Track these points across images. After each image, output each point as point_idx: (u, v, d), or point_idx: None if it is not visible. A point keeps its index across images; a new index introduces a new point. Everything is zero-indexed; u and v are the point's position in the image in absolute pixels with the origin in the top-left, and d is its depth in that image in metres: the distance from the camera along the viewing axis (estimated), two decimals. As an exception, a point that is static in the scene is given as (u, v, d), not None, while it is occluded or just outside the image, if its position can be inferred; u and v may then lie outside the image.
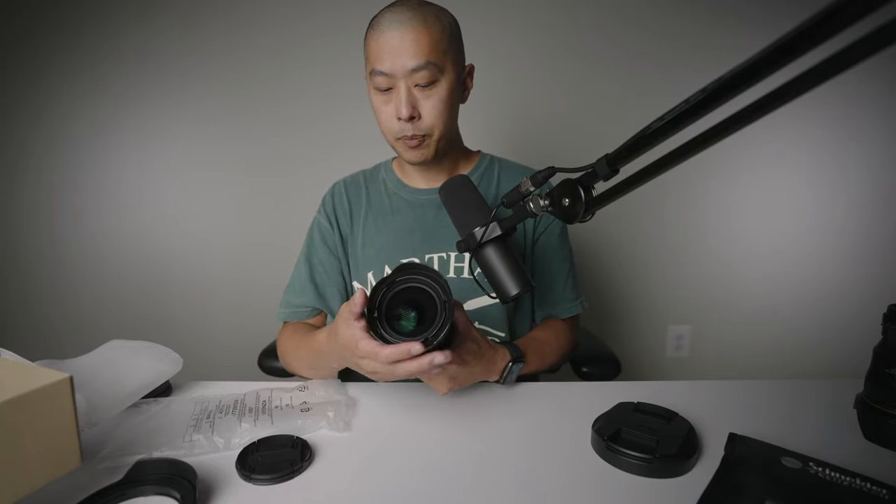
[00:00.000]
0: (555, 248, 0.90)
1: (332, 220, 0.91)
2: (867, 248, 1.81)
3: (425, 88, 0.75)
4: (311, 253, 0.92)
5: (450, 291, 0.55)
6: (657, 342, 1.90)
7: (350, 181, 0.95)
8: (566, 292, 0.90)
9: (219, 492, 0.50)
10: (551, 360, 0.83)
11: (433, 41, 0.73)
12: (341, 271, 0.91)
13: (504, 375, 0.72)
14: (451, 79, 0.76)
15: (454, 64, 0.77)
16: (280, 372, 0.96)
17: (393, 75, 0.74)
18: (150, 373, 0.68)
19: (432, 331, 0.54)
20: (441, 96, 0.76)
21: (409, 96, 0.74)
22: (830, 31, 0.26)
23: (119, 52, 1.67)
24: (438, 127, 0.78)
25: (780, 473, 0.50)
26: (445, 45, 0.75)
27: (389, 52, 0.72)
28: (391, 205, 0.90)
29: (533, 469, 0.54)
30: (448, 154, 0.86)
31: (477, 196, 0.66)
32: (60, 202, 1.77)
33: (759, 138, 1.74)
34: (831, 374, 1.87)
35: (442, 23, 0.75)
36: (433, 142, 0.79)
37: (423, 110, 0.76)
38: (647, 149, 0.43)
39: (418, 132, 0.77)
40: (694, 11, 1.65)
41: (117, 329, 1.83)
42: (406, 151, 0.80)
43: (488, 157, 0.94)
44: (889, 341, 0.59)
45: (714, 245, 1.83)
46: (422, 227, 0.87)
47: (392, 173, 0.93)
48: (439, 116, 0.77)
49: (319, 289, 0.90)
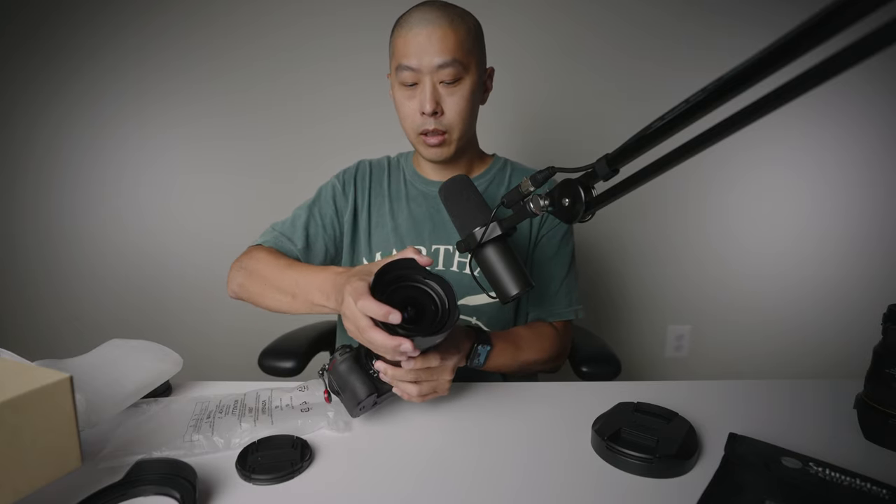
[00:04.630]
0: (554, 251, 0.90)
1: (347, 187, 0.93)
2: (867, 248, 1.81)
3: (450, 85, 0.77)
4: (315, 205, 0.92)
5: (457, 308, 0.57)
6: (657, 342, 1.90)
7: (376, 163, 0.97)
8: (559, 296, 0.90)
9: (219, 492, 0.50)
10: (528, 356, 0.80)
11: (459, 40, 0.75)
12: (335, 237, 0.91)
13: (470, 356, 0.70)
14: (473, 78, 0.79)
15: (477, 65, 0.80)
16: (280, 372, 0.96)
17: (419, 70, 0.76)
18: (150, 373, 0.68)
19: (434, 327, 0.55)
20: (464, 94, 0.78)
21: (433, 91, 0.77)
22: (830, 31, 0.26)
23: (119, 52, 1.67)
24: (459, 125, 0.80)
25: (780, 473, 0.50)
26: (470, 45, 0.77)
27: (417, 48, 0.75)
28: (407, 193, 0.92)
29: (533, 469, 0.54)
30: (465, 154, 0.89)
31: (477, 196, 0.66)
32: (60, 202, 1.77)
33: (760, 138, 1.74)
34: (831, 374, 1.88)
35: (467, 23, 0.78)
36: (453, 140, 0.81)
37: (446, 106, 0.78)
38: (647, 149, 0.43)
39: (440, 127, 0.79)
40: (695, 13, 1.65)
41: (117, 329, 1.82)
42: (426, 149, 0.82)
43: (502, 161, 0.95)
44: (889, 341, 0.59)
45: (714, 245, 1.83)
46: (433, 218, 0.89)
47: (411, 165, 0.95)
48: (461, 113, 0.79)
49: (310, 239, 0.89)
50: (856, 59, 0.26)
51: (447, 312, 0.57)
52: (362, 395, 0.61)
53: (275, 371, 0.97)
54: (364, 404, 0.62)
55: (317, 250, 0.90)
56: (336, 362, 0.64)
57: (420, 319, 0.58)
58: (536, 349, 0.83)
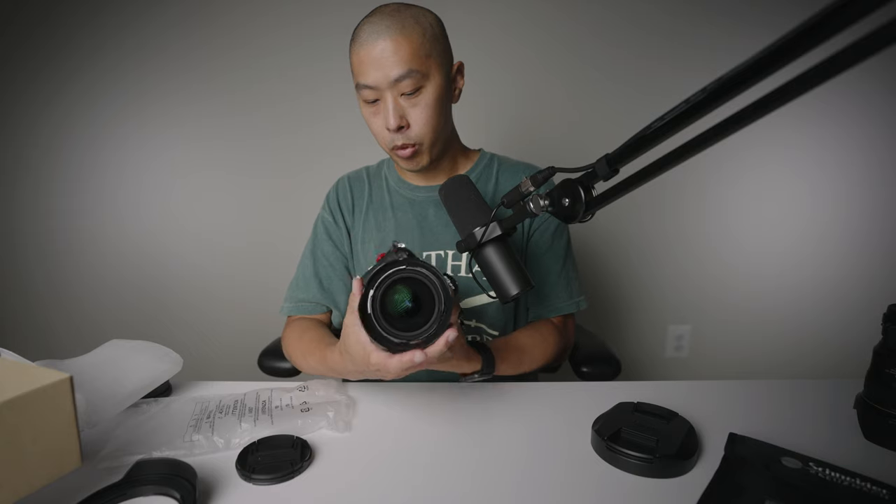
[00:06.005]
0: (548, 244, 0.89)
1: (335, 216, 0.92)
2: (867, 248, 1.81)
3: (411, 96, 0.74)
4: (316, 248, 0.92)
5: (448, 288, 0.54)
6: (657, 342, 1.90)
7: (354, 176, 0.96)
8: (558, 289, 0.89)
9: (219, 492, 0.50)
10: (529, 366, 0.81)
11: (413, 48, 0.71)
12: (346, 266, 0.91)
13: (467, 377, 0.72)
14: (437, 83, 0.75)
15: (440, 66, 0.75)
16: (280, 372, 0.96)
17: (377, 87, 0.73)
18: (150, 373, 0.68)
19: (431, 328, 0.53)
20: (428, 102, 0.74)
21: (395, 106, 0.73)
22: (830, 31, 0.26)
23: (119, 52, 1.67)
24: (429, 134, 0.77)
25: (780, 473, 0.50)
26: (428, 49, 0.73)
27: (371, 64, 0.71)
28: (392, 201, 0.90)
29: (533, 469, 0.54)
30: (446, 154, 0.86)
31: (477, 196, 0.66)
32: (60, 202, 1.77)
33: (760, 138, 1.74)
34: (831, 374, 1.88)
35: (422, 26, 0.73)
36: (425, 149, 0.79)
37: (411, 119, 0.75)
38: (647, 149, 0.43)
39: (409, 141, 0.76)
40: (694, 11, 1.65)
41: (117, 329, 1.83)
42: (401, 161, 0.81)
43: (488, 156, 0.94)
44: (889, 341, 0.59)
45: (714, 245, 1.83)
46: (420, 224, 0.87)
47: (394, 171, 0.93)
48: (427, 123, 0.76)
49: (324, 283, 0.90)
50: (856, 59, 0.26)
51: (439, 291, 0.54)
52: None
53: (275, 371, 0.97)
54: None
55: (336, 289, 0.90)
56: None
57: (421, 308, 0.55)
58: (539, 354, 0.82)
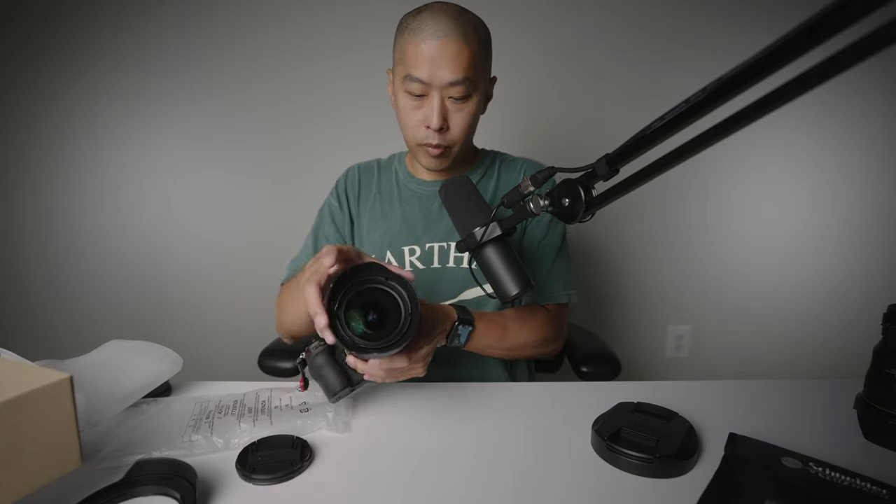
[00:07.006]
0: (542, 234, 0.89)
1: (342, 201, 0.93)
2: (867, 248, 1.81)
3: (458, 101, 0.76)
4: (319, 229, 0.94)
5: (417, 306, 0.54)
6: (657, 342, 1.90)
7: (365, 166, 0.97)
8: (551, 279, 0.88)
9: (219, 492, 0.50)
10: (518, 338, 0.79)
11: (472, 57, 0.73)
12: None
13: (450, 336, 0.70)
14: (481, 93, 0.78)
15: (485, 78, 0.79)
16: (281, 372, 0.96)
17: (430, 84, 0.74)
18: (150, 373, 0.68)
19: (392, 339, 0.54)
20: (471, 110, 0.77)
21: (441, 108, 0.75)
22: (830, 31, 0.26)
23: (119, 52, 1.67)
24: (462, 140, 0.80)
25: (780, 473, 0.50)
26: (482, 60, 0.76)
27: (429, 60, 0.72)
28: (400, 194, 0.92)
29: (533, 469, 0.54)
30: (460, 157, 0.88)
31: (477, 196, 0.66)
32: (60, 202, 1.77)
33: (760, 138, 1.74)
34: (831, 374, 1.87)
35: (479, 36, 0.76)
36: (453, 153, 0.81)
37: (452, 122, 0.77)
38: (647, 149, 0.43)
39: (443, 143, 0.78)
40: (695, 13, 1.65)
41: (117, 329, 1.83)
42: (426, 158, 0.82)
43: (491, 155, 0.95)
44: (889, 341, 0.59)
45: (714, 245, 1.83)
46: (426, 216, 0.89)
47: (404, 165, 0.95)
48: (465, 130, 0.79)
49: None
50: (856, 59, 0.26)
51: (408, 319, 0.54)
52: (336, 388, 0.63)
53: (274, 371, 0.97)
54: (340, 394, 0.63)
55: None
56: (311, 354, 0.64)
57: (383, 324, 0.55)
58: (527, 331, 0.81)
